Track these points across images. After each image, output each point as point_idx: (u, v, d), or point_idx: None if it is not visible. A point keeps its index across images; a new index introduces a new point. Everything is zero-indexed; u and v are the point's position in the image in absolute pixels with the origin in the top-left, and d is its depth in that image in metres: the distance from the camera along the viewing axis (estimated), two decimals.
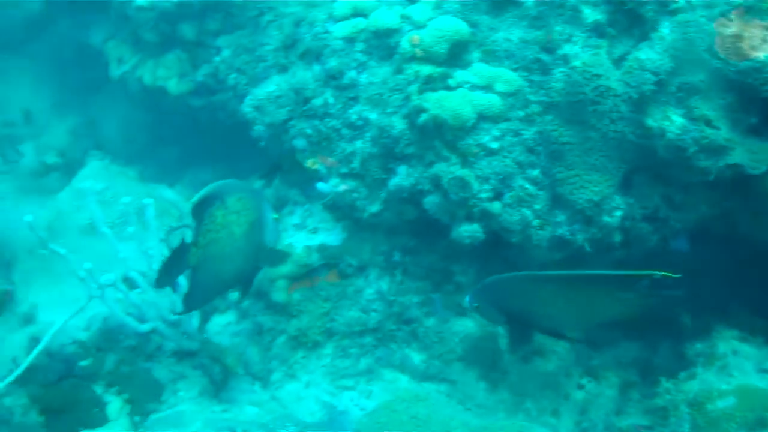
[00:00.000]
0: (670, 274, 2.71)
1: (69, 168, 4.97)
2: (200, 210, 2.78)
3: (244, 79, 3.77)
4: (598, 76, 2.81)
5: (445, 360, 3.49)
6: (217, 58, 4.22)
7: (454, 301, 3.51)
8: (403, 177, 3.19)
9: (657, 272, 2.73)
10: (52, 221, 4.19)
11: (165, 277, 2.87)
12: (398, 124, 3.17)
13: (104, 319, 3.73)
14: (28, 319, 3.99)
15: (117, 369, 3.50)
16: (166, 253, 3.26)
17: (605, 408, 3.37)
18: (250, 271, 2.99)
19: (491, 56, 3.16)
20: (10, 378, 3.26)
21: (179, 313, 3.18)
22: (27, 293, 4.14)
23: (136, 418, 3.33)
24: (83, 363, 3.51)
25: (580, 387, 3.47)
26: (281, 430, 3.14)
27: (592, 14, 3.03)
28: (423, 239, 3.50)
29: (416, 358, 3.52)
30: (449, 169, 3.06)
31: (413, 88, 3.11)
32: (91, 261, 3.41)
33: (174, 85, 4.59)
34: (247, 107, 3.59)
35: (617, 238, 3.05)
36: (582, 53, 3.00)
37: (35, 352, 3.29)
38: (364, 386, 3.54)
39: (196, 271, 2.82)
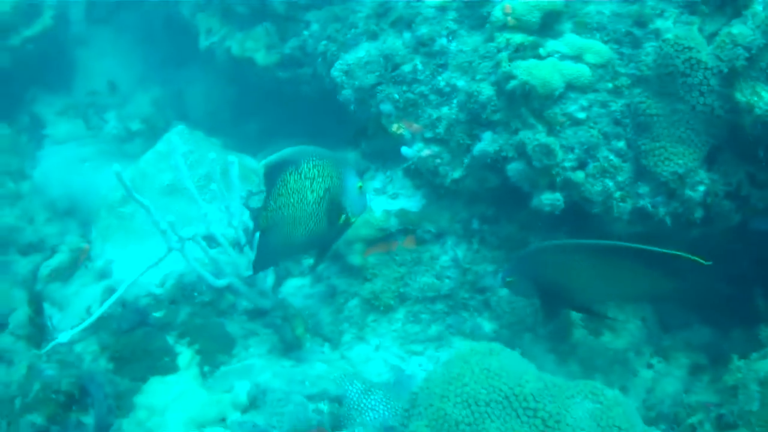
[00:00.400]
0: (700, 260, 2.81)
1: (152, 134, 5.13)
2: (274, 175, 2.92)
3: (333, 46, 3.87)
4: (690, 48, 2.85)
5: (515, 331, 3.54)
6: (306, 32, 4.33)
7: None
8: (488, 143, 3.26)
9: (686, 254, 2.83)
10: (134, 180, 4.33)
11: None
12: (486, 91, 3.24)
13: (180, 275, 3.85)
14: (103, 274, 4.13)
15: (190, 321, 3.60)
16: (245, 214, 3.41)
17: (674, 386, 3.38)
18: (324, 236, 3.09)
19: (583, 28, 3.22)
20: (82, 325, 3.36)
21: (248, 276, 3.30)
22: (103, 250, 4.28)
23: (206, 368, 3.41)
24: (156, 314, 3.62)
25: (650, 366, 3.49)
26: (348, 386, 3.20)
27: None
28: (503, 208, 3.56)
29: (487, 327, 3.59)
30: (535, 137, 3.12)
31: (503, 55, 3.18)
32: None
33: (262, 57, 4.72)
34: (336, 71, 3.70)
35: (698, 213, 3.06)
36: (674, 28, 3.04)
37: (110, 300, 3.37)
38: (432, 352, 3.62)
39: (265, 234, 2.97)
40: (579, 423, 2.40)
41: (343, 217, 3.05)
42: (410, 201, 3.70)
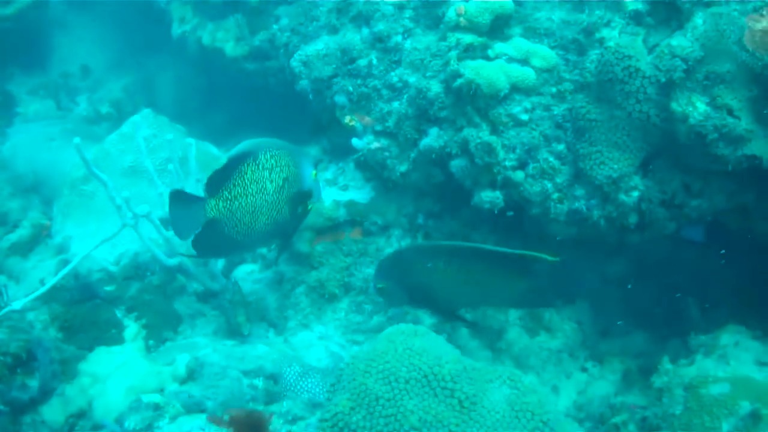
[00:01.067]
0: (548, 257, 3.01)
1: (120, 118, 5.24)
2: (230, 167, 3.07)
3: (296, 39, 4.01)
4: (629, 56, 2.98)
5: (454, 326, 3.65)
6: (275, 26, 4.45)
7: None
8: (433, 138, 3.39)
9: (534, 253, 3.03)
10: (97, 160, 4.43)
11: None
12: (435, 87, 3.38)
13: (135, 254, 3.97)
14: (61, 250, 4.25)
15: (139, 296, 3.73)
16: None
17: (605, 390, 3.50)
18: (286, 225, 3.25)
19: (532, 33, 3.37)
20: (34, 294, 3.48)
21: (190, 256, 3.42)
22: (63, 226, 4.40)
23: (151, 342, 3.53)
24: (108, 288, 3.74)
25: (584, 369, 3.61)
26: (287, 368, 3.31)
27: (633, 3, 3.21)
28: (448, 205, 3.69)
29: (427, 321, 3.69)
30: (478, 135, 3.25)
31: (453, 54, 3.32)
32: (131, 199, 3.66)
33: (231, 48, 4.85)
34: (295, 61, 3.84)
35: (633, 219, 3.19)
36: (618, 38, 3.18)
37: (63, 272, 3.50)
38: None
39: (213, 224, 3.09)
40: (495, 406, 2.50)
41: (302, 206, 3.24)
42: (359, 193, 3.82)
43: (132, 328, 3.59)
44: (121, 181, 4.40)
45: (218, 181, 3.06)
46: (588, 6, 3.30)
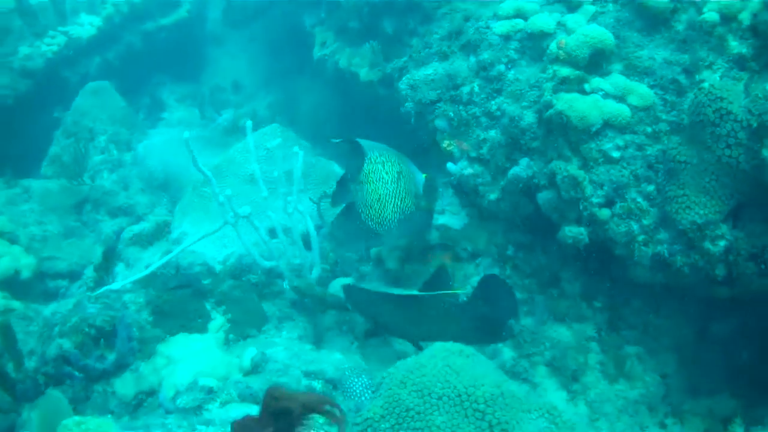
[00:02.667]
0: (451, 291, 3.22)
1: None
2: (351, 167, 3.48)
3: (411, 64, 4.23)
4: (722, 98, 3.00)
5: (533, 362, 3.71)
6: (406, 57, 4.69)
7: (555, 307, 3.74)
8: (522, 168, 3.51)
9: (442, 291, 3.20)
10: (220, 165, 4.84)
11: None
12: (528, 117, 3.51)
13: (240, 256, 4.28)
14: (176, 244, 4.61)
15: (230, 292, 4.01)
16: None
17: None
18: (413, 218, 3.60)
19: (632, 70, 3.44)
20: (133, 278, 3.92)
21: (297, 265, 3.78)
22: (181, 224, 4.81)
23: (231, 336, 3.79)
24: (204, 281, 4.05)
25: (662, 426, 3.58)
26: (355, 378, 3.48)
27: (738, 46, 3.23)
28: (539, 238, 3.78)
29: (507, 353, 3.77)
30: (565, 168, 3.34)
31: (548, 85, 3.45)
32: (246, 204, 4.02)
33: (365, 73, 5.14)
34: (403, 84, 4.07)
35: (720, 271, 3.16)
36: (719, 81, 3.20)
37: (162, 260, 3.89)
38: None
39: (349, 210, 3.53)
40: None
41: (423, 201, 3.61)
42: (454, 218, 3.98)
43: (218, 320, 3.87)
44: (241, 188, 4.75)
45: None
46: (691, 47, 3.33)
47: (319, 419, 2.94)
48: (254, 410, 3.00)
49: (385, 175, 3.52)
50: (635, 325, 3.69)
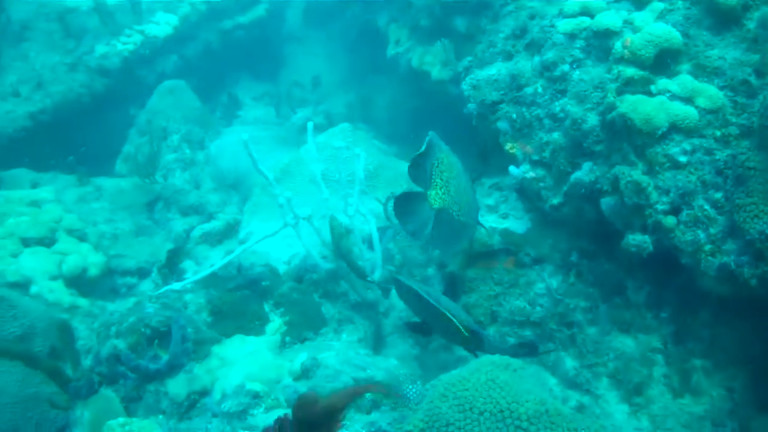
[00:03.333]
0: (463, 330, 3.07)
1: None
2: (423, 160, 3.20)
3: (476, 63, 4.17)
4: None
5: (595, 373, 3.62)
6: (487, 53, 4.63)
7: (619, 317, 3.63)
8: (585, 172, 3.42)
9: (457, 323, 3.07)
10: (289, 165, 4.88)
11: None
12: (591, 120, 3.42)
13: (304, 257, 4.29)
14: (242, 243, 4.67)
15: (289, 294, 4.03)
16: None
17: None
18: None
19: (701, 70, 3.31)
20: (194, 278, 3.97)
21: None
22: (249, 222, 4.89)
23: (287, 339, 3.81)
24: (264, 283, 4.08)
25: None
26: (408, 384, 3.45)
27: None
28: (603, 245, 3.67)
29: (569, 363, 3.69)
30: (629, 173, 3.23)
31: (612, 86, 3.35)
32: (309, 205, 4.04)
33: (437, 72, 5.11)
34: (466, 84, 4.02)
35: None
36: None
37: (223, 261, 3.94)
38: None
39: (443, 212, 3.21)
40: None
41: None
42: (518, 222, 3.91)
43: (276, 322, 3.90)
44: (307, 188, 4.78)
45: (423, 177, 3.23)
46: (763, 46, 3.18)
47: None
48: None
49: (458, 165, 3.31)
50: (703, 337, 3.54)
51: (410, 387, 3.47)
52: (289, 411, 3.07)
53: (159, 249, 4.95)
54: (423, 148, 3.21)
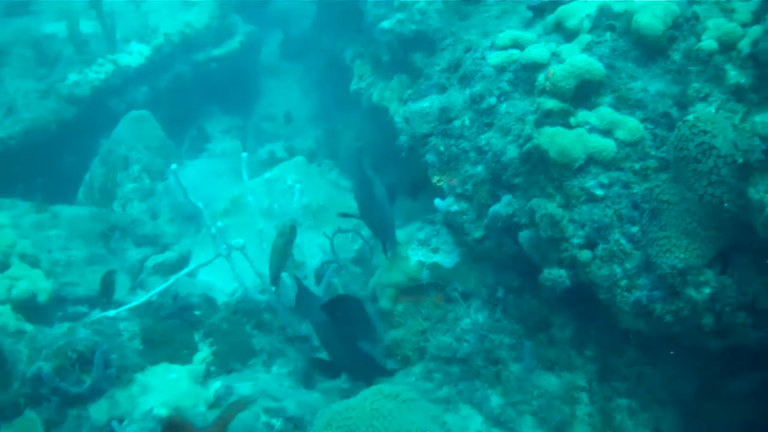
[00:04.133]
0: None
1: None
2: None
3: (414, 96, 4.11)
4: (705, 132, 2.76)
5: (519, 411, 3.51)
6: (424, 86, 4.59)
7: (544, 354, 3.53)
8: (503, 205, 3.34)
9: None
10: (238, 197, 4.85)
11: None
12: (511, 152, 3.34)
13: (246, 289, 4.25)
14: (190, 275, 4.62)
15: (219, 324, 3.98)
16: None
17: None
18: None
19: (622, 103, 3.23)
20: (127, 306, 3.99)
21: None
22: (199, 254, 4.83)
23: (212, 368, 3.75)
24: (197, 312, 4.03)
25: None
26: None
27: (735, 76, 2.98)
28: (528, 280, 3.56)
29: (494, 401, 3.57)
30: (544, 206, 3.14)
31: (531, 118, 3.27)
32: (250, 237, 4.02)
33: (394, 107, 5.05)
34: (398, 117, 3.97)
35: (707, 320, 2.88)
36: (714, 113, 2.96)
37: (156, 290, 3.93)
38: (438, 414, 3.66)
39: None
40: None
41: None
42: (447, 257, 3.82)
43: (204, 352, 3.85)
44: (257, 221, 4.74)
45: None
46: (686, 78, 3.10)
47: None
48: None
49: None
50: (628, 376, 3.42)
51: None
52: None
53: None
54: None
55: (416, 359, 3.79)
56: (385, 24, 4.79)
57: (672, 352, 3.25)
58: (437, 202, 3.71)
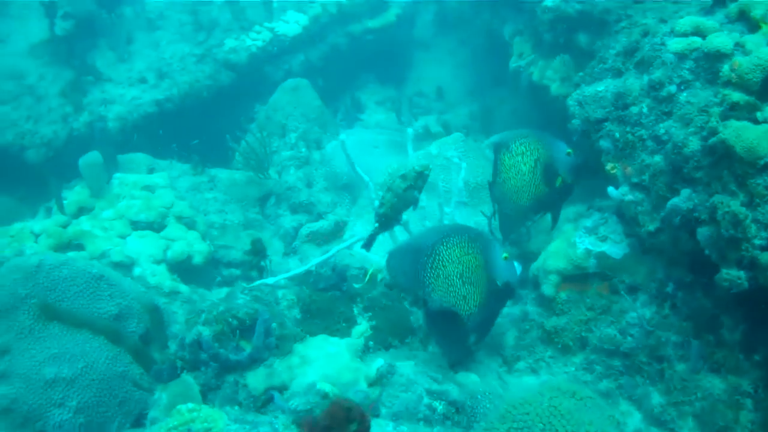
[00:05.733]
0: None
1: None
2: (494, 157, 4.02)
3: (588, 79, 4.13)
4: None
5: (681, 412, 3.53)
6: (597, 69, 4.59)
7: (711, 356, 3.53)
8: (683, 199, 3.33)
9: None
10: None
11: None
12: (693, 144, 3.32)
13: None
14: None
15: (378, 299, 4.10)
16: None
17: None
18: (548, 199, 4.09)
19: None
20: (286, 275, 4.20)
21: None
22: (355, 225, 4.99)
23: (371, 344, 3.88)
24: (356, 285, 4.18)
25: None
26: (485, 402, 3.47)
27: None
28: (702, 277, 3.56)
29: (656, 399, 3.61)
30: (727, 203, 3.13)
31: (716, 110, 3.25)
32: (411, 213, 4.14)
33: (555, 87, 5.08)
34: (571, 100, 3.99)
35: None
36: None
37: (316, 260, 4.11)
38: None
39: (500, 205, 4.13)
40: None
41: (560, 179, 4.01)
42: (615, 247, 3.85)
43: (362, 326, 3.98)
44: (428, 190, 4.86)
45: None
46: None
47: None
48: None
49: (523, 167, 3.99)
50: None
51: (487, 404, 3.47)
52: None
53: (266, 243, 5.13)
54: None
55: (577, 349, 3.86)
56: (548, 2, 4.79)
57: None
58: (611, 190, 3.73)
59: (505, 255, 3.62)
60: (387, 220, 3.92)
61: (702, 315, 3.59)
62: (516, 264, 3.67)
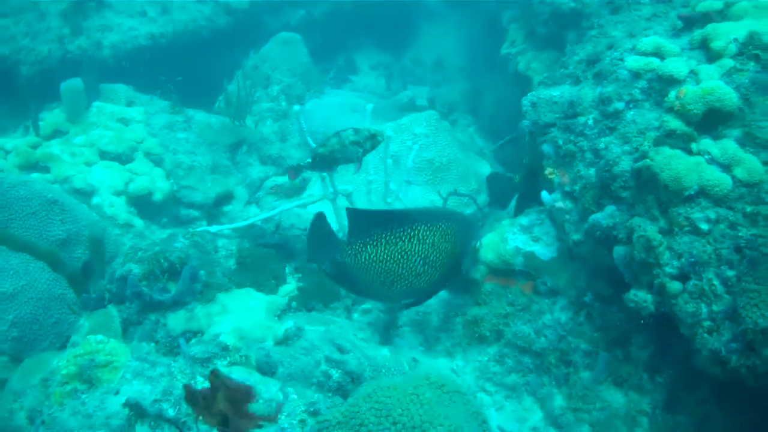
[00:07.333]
0: None
1: None
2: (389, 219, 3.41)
3: (548, 80, 4.03)
4: None
5: (579, 419, 3.50)
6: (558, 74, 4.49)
7: (616, 369, 3.48)
8: (605, 216, 3.26)
9: None
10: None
11: None
12: (623, 164, 3.24)
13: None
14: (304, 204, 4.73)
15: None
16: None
17: None
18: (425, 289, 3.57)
19: (750, 140, 3.06)
20: (230, 226, 4.16)
21: None
22: (315, 185, 4.97)
23: (294, 304, 3.88)
24: (295, 246, 4.14)
25: None
26: (396, 373, 3.44)
27: None
28: (619, 292, 3.49)
29: (558, 401, 3.58)
30: (644, 227, 3.06)
31: (651, 134, 3.16)
32: (360, 185, 4.07)
33: (538, 80, 4.97)
34: (525, 100, 3.89)
35: None
36: None
37: (261, 215, 4.06)
38: (499, 398, 3.70)
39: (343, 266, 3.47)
40: None
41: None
42: (545, 249, 3.78)
43: (291, 285, 3.97)
44: (380, 165, 4.79)
45: (367, 227, 3.36)
46: None
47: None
48: (255, 378, 3.07)
49: (413, 256, 3.39)
50: (694, 413, 3.33)
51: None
52: (248, 372, 3.14)
53: (230, 190, 5.09)
54: None
55: (492, 340, 3.81)
56: None
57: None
58: (544, 194, 3.66)
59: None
60: (321, 160, 3.75)
61: (614, 329, 3.54)
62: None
